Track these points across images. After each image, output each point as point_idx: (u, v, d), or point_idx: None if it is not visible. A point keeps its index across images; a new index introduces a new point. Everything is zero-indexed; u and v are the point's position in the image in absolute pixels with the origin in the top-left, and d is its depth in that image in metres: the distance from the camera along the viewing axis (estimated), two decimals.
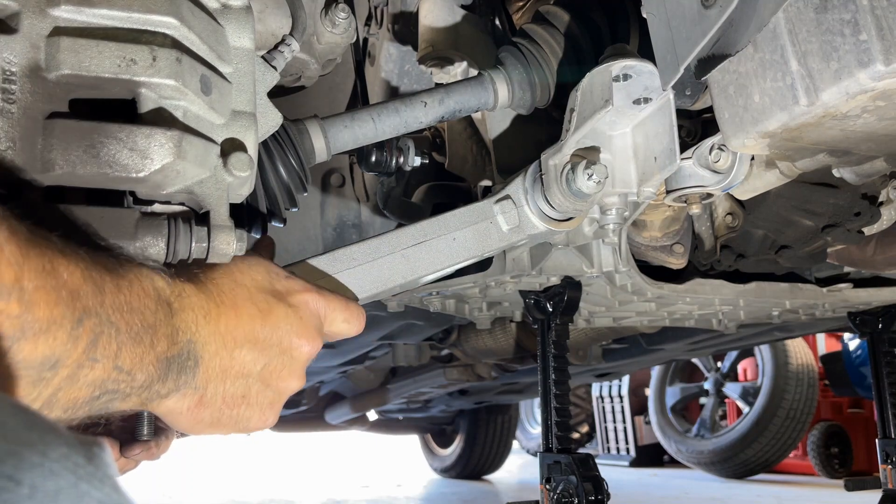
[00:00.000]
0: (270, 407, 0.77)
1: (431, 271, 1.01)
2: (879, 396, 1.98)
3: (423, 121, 1.14)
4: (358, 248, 0.97)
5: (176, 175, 0.74)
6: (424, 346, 2.76)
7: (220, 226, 0.78)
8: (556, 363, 1.57)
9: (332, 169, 1.84)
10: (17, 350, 0.52)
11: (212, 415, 0.72)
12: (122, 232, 0.73)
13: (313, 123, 1.05)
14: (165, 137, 0.72)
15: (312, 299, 0.80)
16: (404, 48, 1.54)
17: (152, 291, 0.65)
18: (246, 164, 0.79)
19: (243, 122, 0.82)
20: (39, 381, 0.55)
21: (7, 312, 0.51)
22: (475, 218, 1.05)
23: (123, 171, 0.70)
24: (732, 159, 1.09)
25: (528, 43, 1.21)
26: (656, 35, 0.92)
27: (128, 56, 0.71)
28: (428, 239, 1.01)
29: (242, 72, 0.83)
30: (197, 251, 0.76)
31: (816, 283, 1.79)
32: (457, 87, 1.18)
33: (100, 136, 0.70)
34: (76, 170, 0.69)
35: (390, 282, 0.97)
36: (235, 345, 0.72)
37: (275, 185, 0.98)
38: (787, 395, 5.20)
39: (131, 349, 0.62)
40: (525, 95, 1.20)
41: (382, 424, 5.33)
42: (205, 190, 0.78)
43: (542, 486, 1.51)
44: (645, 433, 6.78)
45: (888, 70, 0.74)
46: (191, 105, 0.75)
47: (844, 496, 4.13)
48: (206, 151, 0.77)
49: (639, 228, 1.43)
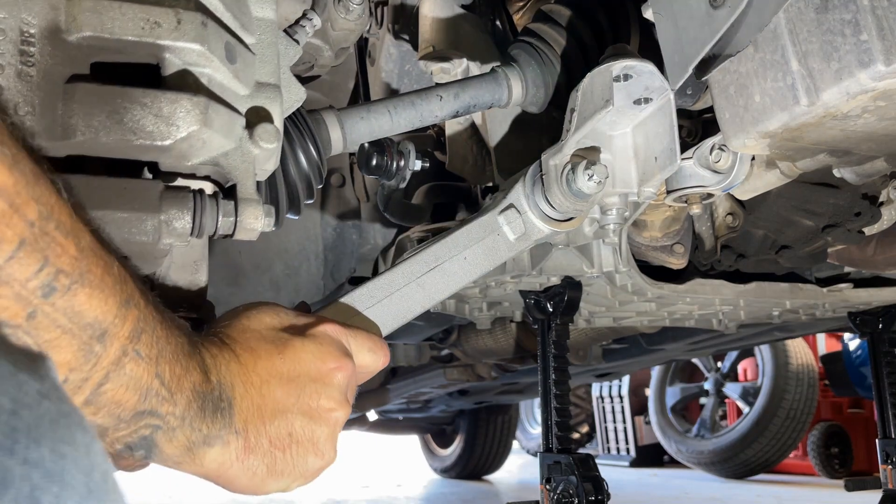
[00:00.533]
0: (326, 441, 0.73)
1: (447, 294, 1.00)
2: (879, 396, 1.98)
3: (438, 115, 1.13)
4: (374, 284, 0.95)
5: (202, 145, 0.71)
6: (424, 346, 2.75)
7: (248, 199, 0.75)
8: (557, 363, 1.57)
9: (333, 169, 1.84)
10: (72, 293, 0.51)
11: (264, 461, 0.68)
12: (146, 204, 0.69)
13: (330, 114, 1.03)
14: (191, 104, 0.69)
15: (331, 329, 0.77)
16: (404, 48, 1.54)
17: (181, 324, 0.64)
18: (273, 136, 0.76)
19: (268, 93, 0.79)
20: (90, 353, 0.54)
21: (66, 249, 0.50)
22: (483, 233, 1.04)
23: (148, 139, 0.67)
24: (733, 159, 1.09)
25: (538, 41, 1.21)
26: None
27: (151, 18, 0.68)
28: (440, 263, 1.00)
29: (266, 43, 0.80)
30: (224, 226, 0.73)
31: (817, 283, 1.78)
32: (472, 82, 1.18)
33: (123, 101, 0.67)
34: (99, 136, 0.66)
35: (410, 313, 0.97)
36: (261, 382, 0.69)
37: (295, 174, 0.96)
38: (788, 396, 5.20)
39: (170, 364, 0.60)
40: (538, 93, 1.21)
41: (382, 424, 5.32)
42: (231, 162, 0.75)
43: (542, 487, 1.51)
44: (645, 433, 6.78)
45: (889, 70, 0.74)
46: (216, 73, 0.72)
47: (844, 496, 4.12)
48: (232, 121, 0.74)
49: (639, 228, 1.43)
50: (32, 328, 0.50)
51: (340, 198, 1.86)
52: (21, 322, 0.49)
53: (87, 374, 0.54)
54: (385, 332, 0.95)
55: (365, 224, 1.85)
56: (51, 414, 0.40)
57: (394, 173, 1.32)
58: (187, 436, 0.63)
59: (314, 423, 0.72)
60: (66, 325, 0.51)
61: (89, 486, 0.40)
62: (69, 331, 0.52)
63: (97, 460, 0.41)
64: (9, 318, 0.48)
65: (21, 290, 0.48)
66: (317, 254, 1.86)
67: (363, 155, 1.31)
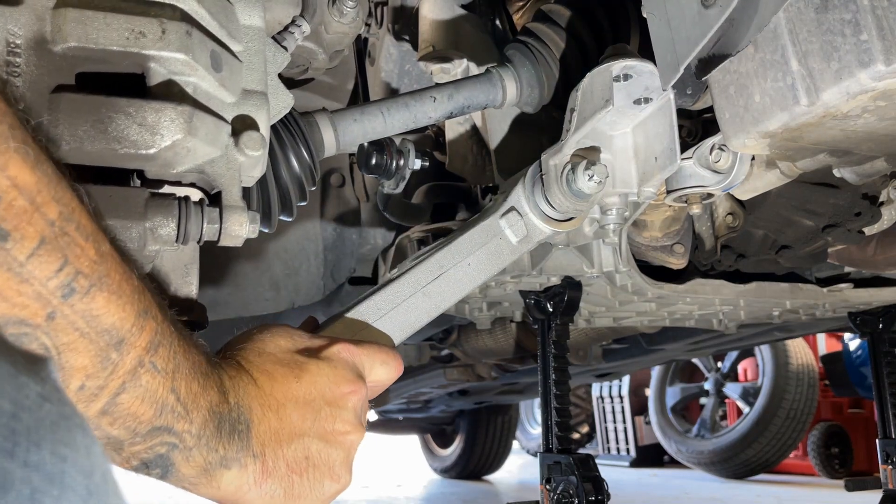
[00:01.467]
0: (341, 465, 0.73)
1: (453, 301, 1.00)
2: (880, 396, 1.97)
3: (432, 116, 1.13)
4: (380, 296, 0.95)
5: (186, 153, 0.72)
6: (424, 346, 2.75)
7: (233, 206, 0.76)
8: (557, 363, 1.57)
9: (332, 169, 1.84)
10: (91, 297, 0.51)
11: (282, 485, 0.68)
12: (131, 212, 0.70)
13: (323, 116, 1.03)
14: (176, 113, 0.69)
15: (344, 349, 0.77)
16: (404, 48, 1.54)
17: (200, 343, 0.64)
18: (258, 143, 0.77)
19: (255, 101, 0.80)
20: (107, 360, 0.53)
21: (86, 252, 0.50)
22: (485, 238, 1.04)
23: (132, 148, 0.68)
24: (733, 159, 1.09)
25: (535, 41, 1.21)
26: (656, 35, 0.92)
27: (136, 28, 0.68)
28: (445, 271, 1.00)
29: (253, 50, 0.81)
30: (209, 232, 0.74)
31: (817, 283, 1.78)
32: (466, 83, 1.17)
33: (108, 110, 0.68)
34: (84, 145, 0.66)
35: (418, 322, 0.97)
36: (279, 405, 0.69)
37: (286, 177, 0.96)
38: (788, 396, 5.20)
39: (186, 380, 0.60)
40: (533, 93, 1.21)
41: (382, 424, 5.33)
42: (216, 170, 0.76)
43: (542, 487, 1.51)
44: (645, 433, 6.78)
45: (889, 70, 0.74)
46: (201, 81, 0.73)
47: (844, 496, 4.12)
48: (217, 129, 0.75)
49: (639, 228, 1.43)
50: (52, 329, 0.50)
51: (340, 198, 1.86)
52: (41, 322, 0.49)
53: (104, 382, 0.54)
54: (394, 343, 0.95)
55: (365, 224, 1.85)
56: (51, 416, 0.40)
57: (393, 172, 1.32)
58: (204, 456, 0.62)
59: (330, 446, 0.72)
60: (84, 329, 0.51)
61: (90, 487, 0.40)
62: (87, 335, 0.52)
63: (97, 462, 0.41)
64: (29, 316, 0.48)
65: (41, 288, 0.48)
66: (317, 254, 1.86)
67: (362, 154, 1.31)
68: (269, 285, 1.82)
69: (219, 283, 1.76)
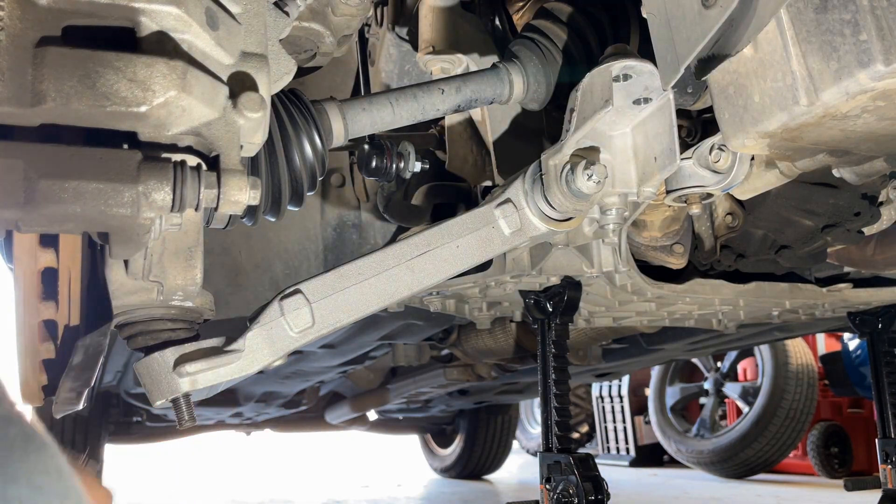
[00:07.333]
0: None
1: (437, 280, 1.01)
2: (879, 396, 1.98)
3: (439, 108, 1.13)
4: (364, 262, 0.96)
5: (181, 112, 0.68)
6: (424, 346, 2.75)
7: (231, 170, 0.72)
8: (556, 363, 1.57)
9: (333, 169, 1.84)
10: None
11: None
12: (123, 174, 0.66)
13: (332, 105, 1.02)
14: (168, 68, 0.66)
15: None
16: (404, 49, 1.54)
17: None
18: (258, 104, 0.73)
19: (254, 63, 0.76)
20: None
21: None
22: (477, 224, 1.04)
23: (123, 105, 0.64)
24: (732, 159, 1.09)
25: (541, 37, 1.21)
26: (656, 35, 0.93)
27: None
28: (432, 248, 1.00)
29: (253, 12, 0.78)
30: (207, 198, 0.70)
31: (816, 283, 1.78)
32: (474, 76, 1.17)
33: (96, 65, 0.63)
34: (70, 102, 0.63)
35: (397, 294, 0.97)
36: None
37: (299, 162, 0.94)
38: (787, 395, 5.20)
39: None
40: (540, 89, 1.21)
41: (382, 424, 5.32)
42: (214, 132, 0.72)
43: (542, 486, 1.51)
44: (645, 433, 6.78)
45: (888, 70, 0.75)
46: (196, 39, 0.69)
47: (844, 496, 4.13)
48: (214, 89, 0.71)
49: (639, 228, 1.43)
50: None
51: (340, 198, 1.86)
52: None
53: None
54: (370, 310, 0.95)
55: (365, 224, 1.85)
56: (18, 440, 0.39)
57: (393, 175, 1.32)
58: None
59: None
60: None
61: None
62: None
63: (69, 483, 0.41)
64: None
65: None
66: (317, 254, 1.86)
67: (363, 157, 1.30)
68: (270, 285, 1.82)
69: (219, 282, 1.76)
